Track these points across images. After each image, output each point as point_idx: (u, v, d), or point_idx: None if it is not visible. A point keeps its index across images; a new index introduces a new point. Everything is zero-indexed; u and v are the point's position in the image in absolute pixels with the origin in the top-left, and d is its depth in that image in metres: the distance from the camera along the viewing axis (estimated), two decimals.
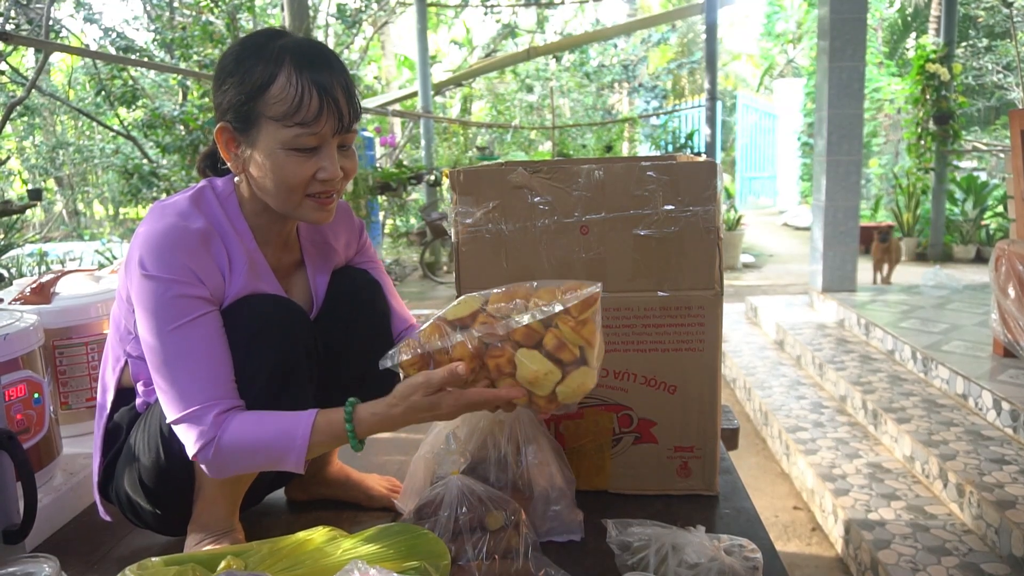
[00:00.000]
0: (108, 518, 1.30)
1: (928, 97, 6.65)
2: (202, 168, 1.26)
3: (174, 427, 1.07)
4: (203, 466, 1.07)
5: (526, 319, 1.01)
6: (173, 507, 1.20)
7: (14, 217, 4.30)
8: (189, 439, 1.05)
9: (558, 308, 1.00)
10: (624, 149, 10.91)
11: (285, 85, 1.06)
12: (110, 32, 7.04)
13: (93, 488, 1.27)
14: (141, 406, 1.22)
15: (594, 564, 1.19)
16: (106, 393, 1.24)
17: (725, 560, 1.04)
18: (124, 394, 1.24)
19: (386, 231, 8.98)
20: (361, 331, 1.31)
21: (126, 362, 1.20)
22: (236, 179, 1.18)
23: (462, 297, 1.08)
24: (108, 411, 1.24)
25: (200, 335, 1.07)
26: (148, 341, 1.07)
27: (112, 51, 6.78)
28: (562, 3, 10.75)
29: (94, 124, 8.78)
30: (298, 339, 1.15)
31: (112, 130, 7.59)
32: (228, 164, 1.14)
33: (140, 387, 1.21)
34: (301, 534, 1.06)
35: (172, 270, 1.06)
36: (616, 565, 1.12)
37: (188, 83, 6.61)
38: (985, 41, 10.23)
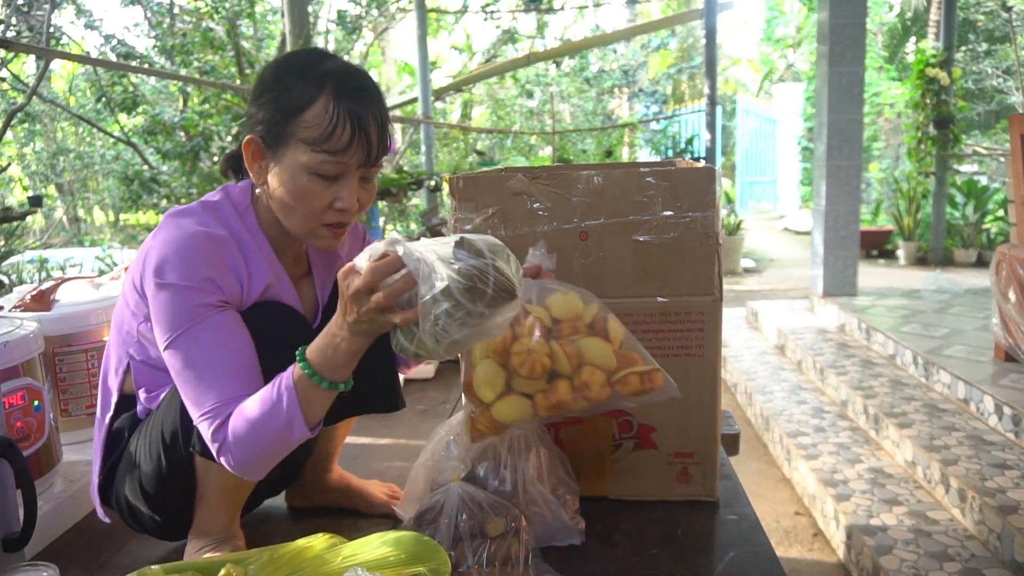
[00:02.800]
0: (107, 520, 1.30)
1: (928, 101, 6.66)
2: (225, 169, 1.27)
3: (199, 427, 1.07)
4: (231, 469, 1.06)
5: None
6: (174, 514, 1.20)
7: (14, 224, 4.30)
8: (210, 443, 1.05)
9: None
10: (624, 154, 10.91)
11: (322, 112, 1.06)
12: (111, 39, 7.04)
13: (92, 492, 1.27)
14: (142, 412, 1.22)
15: (595, 570, 1.19)
16: (109, 396, 1.24)
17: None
18: (127, 400, 1.24)
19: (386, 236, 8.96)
20: None
21: (128, 366, 1.20)
22: (257, 191, 1.18)
23: (570, 295, 1.17)
24: (111, 415, 1.23)
25: (209, 339, 1.06)
26: (166, 349, 1.07)
27: (112, 58, 6.80)
28: (562, 9, 10.77)
29: (95, 130, 8.77)
30: (299, 347, 1.15)
31: (113, 136, 7.59)
32: (251, 175, 1.15)
33: (142, 394, 1.21)
34: (301, 541, 1.05)
35: (190, 278, 1.06)
36: None
37: (188, 89, 6.61)
38: (985, 45, 10.24)
